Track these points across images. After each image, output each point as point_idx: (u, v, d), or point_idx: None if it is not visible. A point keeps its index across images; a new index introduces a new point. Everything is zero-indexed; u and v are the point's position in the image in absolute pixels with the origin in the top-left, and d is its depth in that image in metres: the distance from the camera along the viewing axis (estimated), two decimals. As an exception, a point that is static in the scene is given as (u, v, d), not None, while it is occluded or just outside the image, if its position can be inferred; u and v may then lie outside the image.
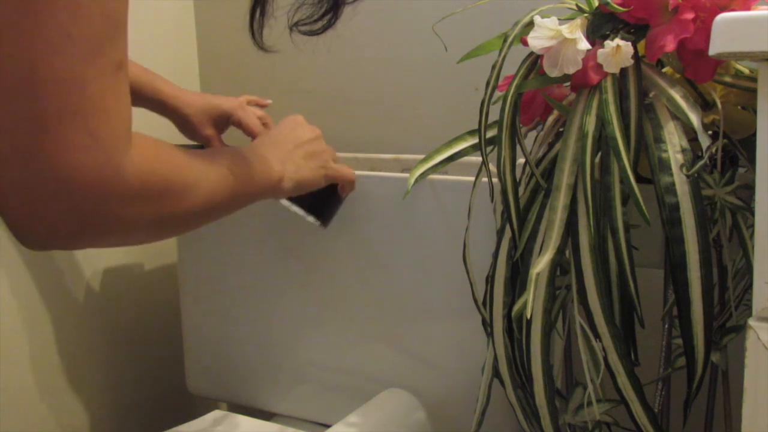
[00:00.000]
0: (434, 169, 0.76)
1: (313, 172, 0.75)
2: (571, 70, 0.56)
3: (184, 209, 0.53)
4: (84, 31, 0.43)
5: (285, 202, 0.80)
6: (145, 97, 0.84)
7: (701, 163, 0.53)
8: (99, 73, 0.44)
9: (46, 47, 0.42)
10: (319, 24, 0.63)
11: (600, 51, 0.55)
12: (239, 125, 0.88)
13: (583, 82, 0.57)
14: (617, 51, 0.55)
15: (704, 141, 0.53)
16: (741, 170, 0.59)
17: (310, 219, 0.82)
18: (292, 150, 0.73)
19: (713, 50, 0.43)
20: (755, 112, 0.44)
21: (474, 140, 0.72)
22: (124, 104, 0.46)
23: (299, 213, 0.81)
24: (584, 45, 0.55)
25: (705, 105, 0.59)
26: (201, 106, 0.87)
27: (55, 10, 0.42)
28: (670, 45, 0.54)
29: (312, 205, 0.81)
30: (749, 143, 0.59)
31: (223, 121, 0.88)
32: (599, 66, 0.56)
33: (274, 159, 0.70)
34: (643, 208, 0.53)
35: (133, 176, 0.47)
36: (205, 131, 0.87)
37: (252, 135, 0.88)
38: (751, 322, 0.43)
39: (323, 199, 0.82)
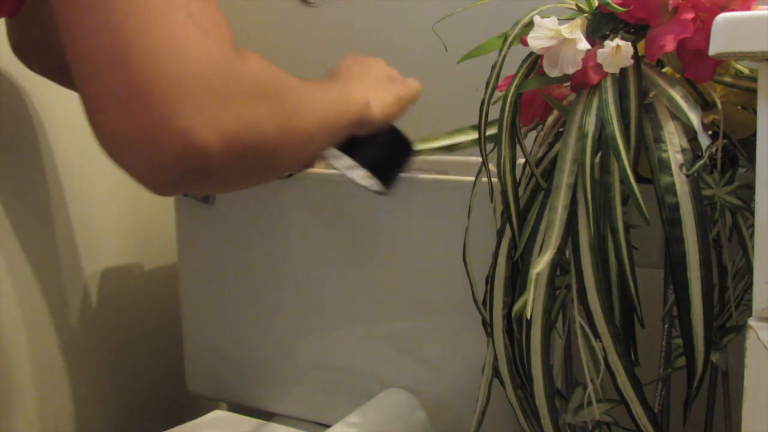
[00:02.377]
0: (429, 152, 0.71)
1: (391, 97, 0.69)
2: (570, 70, 0.56)
3: (304, 120, 0.50)
4: None
5: (341, 163, 0.68)
6: None
7: (701, 162, 0.53)
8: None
9: None
10: None
11: (600, 51, 0.55)
12: None
13: (582, 82, 0.57)
14: (617, 51, 0.55)
15: (704, 141, 0.53)
16: (741, 170, 0.59)
17: (370, 182, 0.69)
18: (367, 77, 0.68)
19: (713, 50, 0.43)
20: (755, 112, 0.44)
21: (475, 135, 0.70)
22: (224, 18, 0.44)
23: (358, 178, 0.69)
24: (584, 45, 0.55)
25: (705, 105, 0.59)
26: None
27: None
28: (669, 45, 0.54)
29: (373, 163, 0.69)
30: (749, 143, 0.59)
31: None
32: (599, 66, 0.56)
33: (357, 87, 0.65)
34: (643, 208, 0.53)
35: (249, 75, 0.44)
36: None
37: None
38: (751, 322, 0.43)
39: (385, 154, 0.70)
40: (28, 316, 0.92)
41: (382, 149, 0.69)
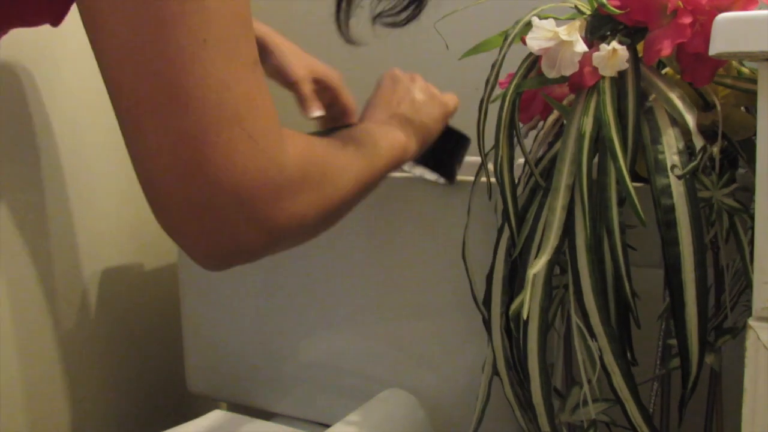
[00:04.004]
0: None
1: (430, 121, 0.71)
2: (568, 72, 0.56)
3: (342, 195, 0.53)
4: (217, 33, 0.41)
5: (408, 167, 0.76)
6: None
7: (693, 164, 0.53)
8: (241, 74, 0.42)
9: (185, 55, 0.40)
10: (403, 15, 0.62)
11: (596, 54, 0.55)
12: (335, 98, 0.84)
13: (579, 84, 0.57)
14: (613, 54, 0.55)
15: (698, 142, 0.53)
16: (741, 171, 0.59)
17: (435, 177, 0.76)
18: (404, 109, 0.70)
19: (713, 50, 0.43)
20: (756, 113, 0.44)
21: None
22: (269, 101, 0.45)
23: (425, 175, 0.76)
24: (581, 47, 0.55)
25: (705, 106, 0.59)
26: (306, 62, 0.82)
27: (184, 16, 0.40)
28: (666, 49, 0.54)
29: (434, 162, 0.76)
30: (749, 144, 0.59)
31: (321, 86, 0.83)
32: (596, 68, 0.56)
33: (394, 125, 0.67)
34: (639, 209, 0.53)
35: (296, 171, 0.46)
36: (304, 89, 0.81)
37: (346, 113, 0.84)
38: (751, 322, 0.43)
39: (443, 151, 0.75)
40: (27, 316, 0.92)
41: (437, 147, 0.74)
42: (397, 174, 0.84)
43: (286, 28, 0.89)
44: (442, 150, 0.75)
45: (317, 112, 0.80)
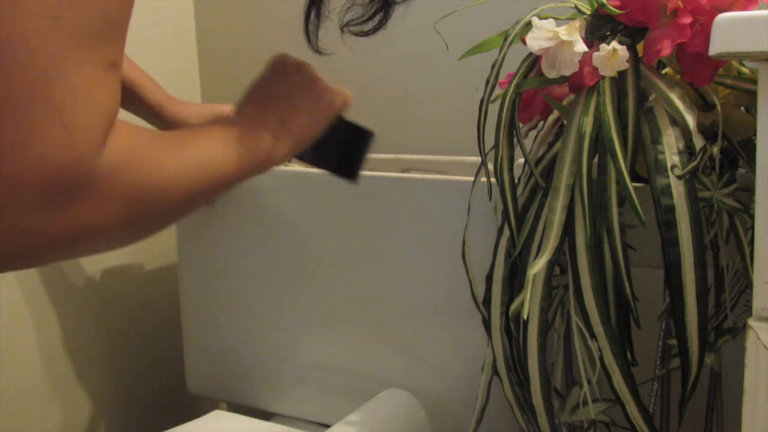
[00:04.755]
0: None
1: (308, 124, 0.63)
2: (567, 72, 0.56)
3: (158, 209, 0.47)
4: (75, 18, 0.38)
5: (301, 163, 0.68)
6: (139, 101, 0.81)
7: (693, 164, 0.53)
8: (83, 65, 0.39)
9: (30, 24, 0.37)
10: (370, 24, 0.61)
11: (595, 54, 0.55)
12: None
13: (579, 84, 0.57)
14: (613, 54, 0.55)
15: (698, 142, 0.53)
16: (741, 171, 0.59)
17: (337, 176, 0.69)
18: (280, 106, 0.62)
19: (713, 50, 0.43)
20: (756, 113, 0.44)
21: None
22: (110, 101, 0.41)
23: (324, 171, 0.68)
24: (581, 48, 0.55)
25: (706, 106, 0.59)
26: (198, 111, 0.84)
27: None
28: (666, 50, 0.54)
29: (330, 160, 0.67)
30: (749, 145, 0.59)
31: None
32: (596, 68, 0.56)
33: (261, 128, 0.60)
34: (639, 209, 0.53)
35: (106, 176, 0.41)
36: None
37: None
38: (751, 322, 0.43)
39: (340, 148, 0.67)
40: (28, 316, 0.92)
41: (337, 145, 0.66)
42: (397, 174, 0.84)
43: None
44: (338, 149, 0.67)
45: None
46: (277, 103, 0.62)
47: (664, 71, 0.61)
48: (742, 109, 0.60)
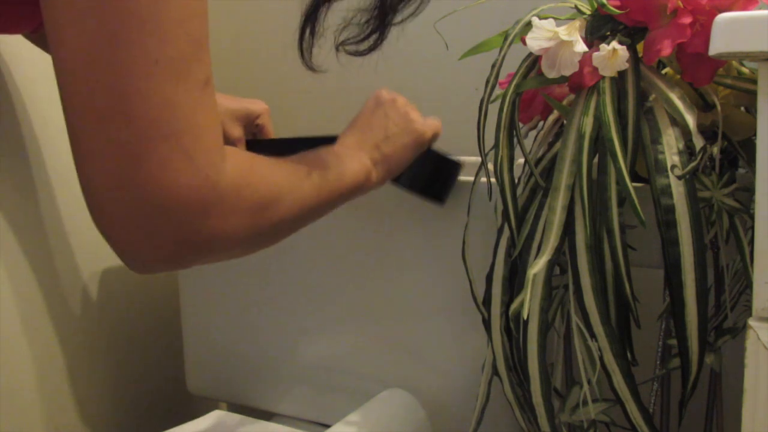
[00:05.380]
0: None
1: (401, 152, 0.72)
2: (568, 72, 0.56)
3: (279, 218, 0.54)
4: (170, 54, 0.43)
5: (395, 186, 0.76)
6: None
7: (693, 164, 0.53)
8: (188, 93, 0.44)
9: (136, 73, 0.42)
10: (365, 44, 0.64)
11: (595, 54, 0.55)
12: (260, 131, 0.87)
13: (579, 84, 0.57)
14: (613, 54, 0.55)
15: (698, 142, 0.53)
16: (741, 171, 0.59)
17: (425, 199, 0.77)
18: (377, 135, 0.71)
19: (713, 50, 0.43)
20: (756, 113, 0.44)
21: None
22: (214, 120, 0.46)
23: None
24: (581, 48, 0.55)
25: (706, 106, 0.59)
26: (229, 106, 0.85)
27: (142, 36, 0.42)
28: (666, 50, 0.54)
29: (420, 186, 0.76)
30: (749, 145, 0.59)
31: (250, 123, 0.87)
32: (596, 68, 0.56)
33: (361, 153, 0.68)
34: (639, 209, 0.53)
35: (230, 191, 0.48)
36: (233, 133, 0.86)
37: None
38: (751, 322, 0.43)
39: (430, 176, 0.76)
40: (28, 316, 0.92)
41: (423, 173, 0.75)
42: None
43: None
44: (426, 174, 0.76)
45: None
46: (374, 133, 0.70)
47: (664, 71, 0.61)
48: (742, 109, 0.60)
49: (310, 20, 0.62)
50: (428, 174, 0.76)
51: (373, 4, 0.62)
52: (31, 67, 0.88)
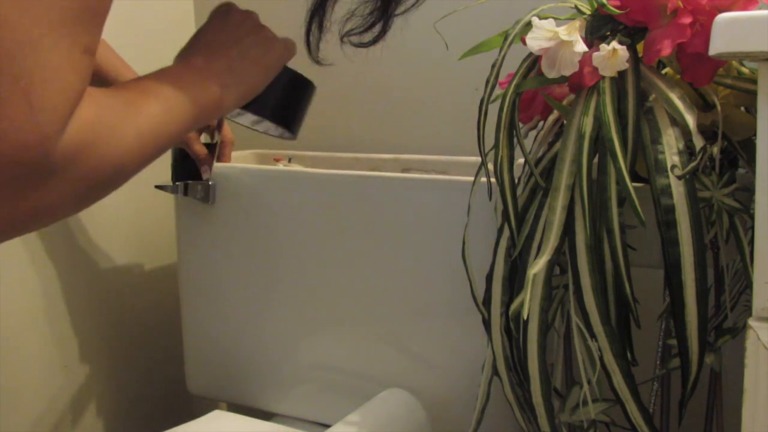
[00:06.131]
0: None
1: (257, 70, 0.62)
2: (568, 72, 0.56)
3: (112, 183, 0.47)
4: (57, 3, 0.39)
5: (245, 119, 0.67)
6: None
7: (693, 164, 0.53)
8: (57, 45, 0.39)
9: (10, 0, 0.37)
10: (368, 36, 0.61)
11: (596, 54, 0.55)
12: (212, 131, 0.85)
13: (579, 84, 0.57)
14: (613, 54, 0.55)
15: (698, 142, 0.53)
16: (741, 171, 0.59)
17: (279, 132, 0.68)
18: (229, 54, 0.60)
19: (713, 50, 0.43)
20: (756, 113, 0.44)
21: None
22: (79, 85, 0.41)
23: (266, 130, 0.68)
24: (581, 48, 0.55)
25: (706, 106, 0.59)
26: None
27: None
28: (666, 50, 0.54)
29: (271, 110, 0.65)
30: (749, 145, 0.59)
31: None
32: (596, 68, 0.56)
33: (211, 73, 0.58)
34: (639, 209, 0.53)
35: (64, 162, 0.41)
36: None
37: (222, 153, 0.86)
38: (751, 322, 0.43)
39: (286, 99, 0.66)
40: (28, 316, 0.92)
41: (281, 95, 0.65)
42: (397, 174, 0.84)
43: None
44: (285, 98, 0.65)
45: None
46: (225, 51, 0.60)
47: (664, 71, 0.61)
48: (742, 109, 0.60)
49: (318, 14, 0.60)
50: (280, 97, 0.65)
51: None
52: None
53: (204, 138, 0.92)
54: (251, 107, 0.64)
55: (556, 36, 0.56)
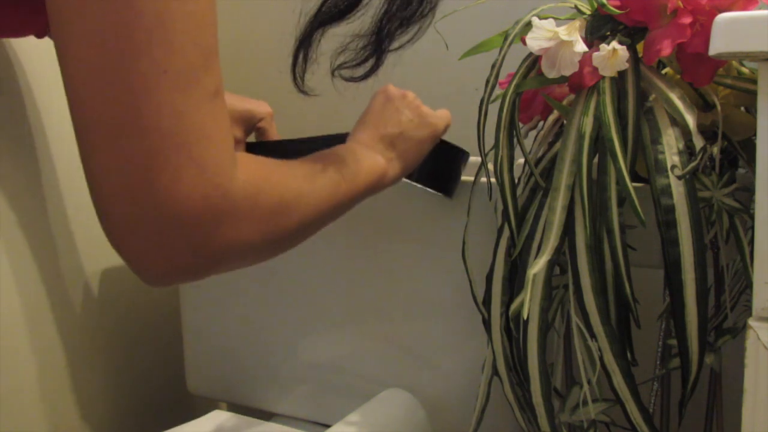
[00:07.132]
0: None
1: (416, 147, 0.71)
2: (568, 72, 0.56)
3: (293, 224, 0.54)
4: (179, 65, 0.43)
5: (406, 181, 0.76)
6: None
7: (693, 164, 0.53)
8: (196, 103, 0.44)
9: (144, 85, 0.42)
10: (360, 70, 0.63)
11: (596, 54, 0.55)
12: (261, 134, 0.86)
13: (579, 84, 0.57)
14: (613, 54, 0.55)
15: (698, 142, 0.53)
16: (741, 171, 0.59)
17: (436, 191, 0.76)
18: (390, 131, 0.69)
19: (713, 50, 0.43)
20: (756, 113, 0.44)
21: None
22: (224, 129, 0.46)
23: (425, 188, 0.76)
24: (581, 47, 0.55)
25: (706, 106, 0.59)
26: (232, 107, 0.84)
27: (150, 47, 0.42)
28: (666, 50, 0.54)
29: (430, 178, 0.75)
30: (749, 145, 0.59)
31: (251, 125, 0.86)
32: (596, 68, 0.56)
33: (375, 151, 0.67)
34: (639, 210, 0.53)
35: (242, 199, 0.47)
36: (234, 133, 0.85)
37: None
38: (751, 322, 0.43)
39: (439, 167, 0.75)
40: (28, 316, 0.92)
41: (438, 166, 0.74)
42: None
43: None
44: (438, 166, 0.75)
45: None
46: (387, 129, 0.69)
47: (664, 71, 0.61)
48: (742, 109, 0.60)
49: (303, 46, 0.62)
50: (438, 166, 0.75)
51: (370, 30, 0.62)
52: (39, 65, 0.88)
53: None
54: (412, 177, 0.74)
55: (556, 36, 0.56)
